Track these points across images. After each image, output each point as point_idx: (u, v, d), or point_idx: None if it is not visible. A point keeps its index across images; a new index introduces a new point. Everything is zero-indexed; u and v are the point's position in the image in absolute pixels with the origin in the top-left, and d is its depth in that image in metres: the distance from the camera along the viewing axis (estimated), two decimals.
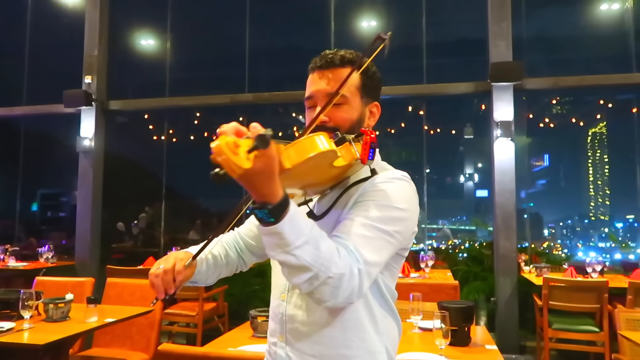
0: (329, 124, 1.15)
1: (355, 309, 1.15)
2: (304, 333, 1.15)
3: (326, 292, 0.99)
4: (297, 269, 0.96)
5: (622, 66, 6.17)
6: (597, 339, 3.96)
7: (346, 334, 1.14)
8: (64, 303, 2.68)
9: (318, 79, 1.19)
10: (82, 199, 6.18)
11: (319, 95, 1.18)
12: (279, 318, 1.19)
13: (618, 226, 9.69)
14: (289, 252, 0.94)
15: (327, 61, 1.18)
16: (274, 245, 0.94)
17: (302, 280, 0.98)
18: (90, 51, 6.35)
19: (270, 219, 0.90)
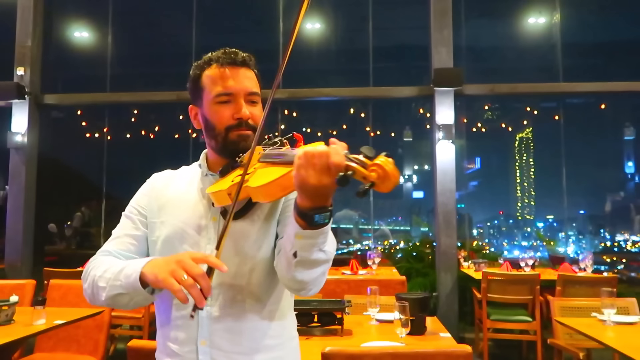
0: (250, 122, 1.19)
1: (280, 299, 1.23)
2: (231, 331, 1.16)
3: (323, 281, 1.09)
4: (319, 263, 1.03)
5: (549, 76, 6.67)
6: (529, 327, 4.27)
7: (271, 325, 1.20)
8: (8, 305, 2.53)
9: (235, 75, 1.19)
10: (13, 198, 5.81)
11: (240, 92, 1.19)
12: (194, 324, 1.15)
13: (539, 226, 10.40)
14: (321, 249, 1.01)
15: (243, 60, 1.21)
16: (311, 246, 1.00)
17: (318, 274, 1.06)
18: (22, 41, 5.98)
19: (325, 221, 0.97)
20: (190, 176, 1.30)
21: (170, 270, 0.96)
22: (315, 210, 0.95)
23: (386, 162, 0.86)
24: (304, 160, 0.92)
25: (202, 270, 0.96)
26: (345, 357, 1.61)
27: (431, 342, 2.21)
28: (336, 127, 7.77)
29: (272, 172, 1.03)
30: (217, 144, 1.21)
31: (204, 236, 1.19)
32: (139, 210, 1.28)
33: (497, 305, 4.39)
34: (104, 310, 3.06)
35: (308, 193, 0.94)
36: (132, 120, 7.37)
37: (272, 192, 1.02)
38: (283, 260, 1.08)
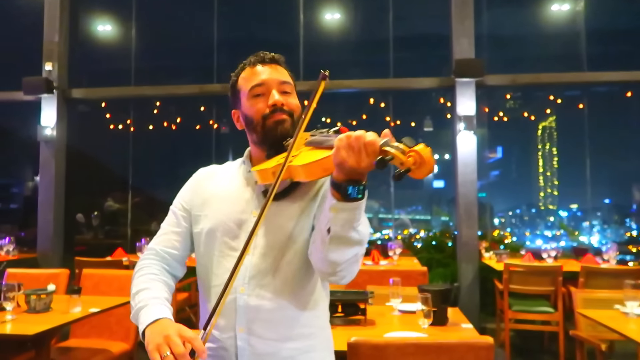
0: (285, 107, 1.25)
1: (314, 289, 1.29)
2: (267, 320, 1.22)
3: (356, 269, 1.13)
4: (352, 243, 1.07)
5: (573, 64, 6.56)
6: (551, 318, 4.28)
7: (305, 314, 1.26)
8: (46, 294, 2.66)
9: (267, 70, 1.28)
10: (44, 190, 6.00)
11: (272, 82, 1.26)
12: (236, 311, 1.22)
13: (563, 215, 10.27)
14: (355, 228, 1.06)
15: (274, 59, 1.29)
16: (344, 221, 1.04)
17: (350, 256, 1.09)
18: (50, 37, 6.13)
19: (359, 195, 1.02)
20: (234, 172, 1.38)
21: (158, 344, 1.04)
22: (349, 182, 1.01)
23: (424, 149, 0.91)
24: (344, 141, 0.99)
25: (184, 350, 1.01)
26: (370, 347, 1.67)
27: (453, 333, 2.25)
28: (356, 117, 7.78)
29: (315, 154, 1.10)
30: (258, 135, 1.28)
31: (244, 230, 1.25)
32: (183, 205, 1.36)
33: (518, 296, 4.40)
34: None
35: (346, 171, 1.00)
36: (155, 112, 7.50)
37: (313, 171, 1.09)
38: (317, 240, 1.13)
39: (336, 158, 1.00)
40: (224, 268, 1.24)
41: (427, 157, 0.91)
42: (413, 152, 0.92)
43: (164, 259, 1.33)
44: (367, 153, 0.97)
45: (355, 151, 0.98)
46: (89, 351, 3.03)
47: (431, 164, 0.91)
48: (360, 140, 0.97)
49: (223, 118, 7.45)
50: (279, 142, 1.24)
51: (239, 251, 1.19)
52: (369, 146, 0.97)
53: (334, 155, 1.01)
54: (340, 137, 1.00)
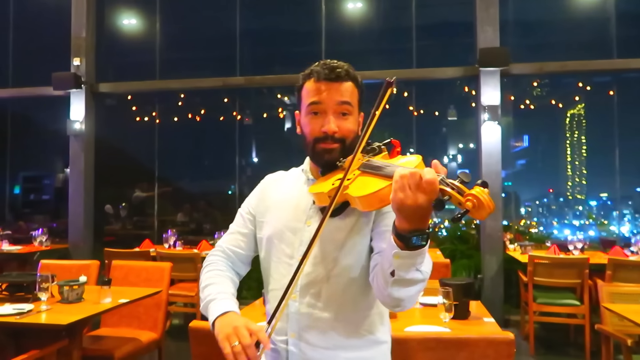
0: (337, 135, 1.25)
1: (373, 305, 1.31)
2: (317, 328, 1.26)
3: (416, 299, 1.15)
4: (416, 282, 1.08)
5: (602, 51, 6.37)
6: (577, 311, 4.23)
7: (358, 326, 1.29)
8: (78, 285, 2.77)
9: (327, 88, 1.26)
10: (74, 182, 6.18)
11: (330, 103, 1.26)
12: (286, 317, 1.28)
13: (592, 204, 10.05)
14: (418, 269, 1.06)
15: (337, 74, 1.26)
16: (408, 266, 1.04)
17: (414, 292, 1.10)
18: (78, 33, 6.27)
19: (422, 243, 1.01)
20: (295, 179, 1.43)
21: (227, 335, 1.11)
22: (412, 233, 0.99)
23: (481, 192, 0.90)
24: (399, 182, 0.97)
25: (250, 341, 1.08)
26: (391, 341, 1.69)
27: (474, 327, 2.26)
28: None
29: (372, 183, 1.10)
30: (308, 152, 1.33)
31: (298, 237, 1.31)
32: (249, 210, 1.45)
33: (544, 288, 4.35)
34: (162, 290, 3.28)
35: (405, 214, 0.97)
36: (179, 104, 7.60)
37: (371, 202, 1.09)
38: (380, 277, 1.13)
39: (394, 202, 0.98)
40: (280, 274, 1.31)
41: (485, 201, 0.89)
42: (470, 195, 0.90)
43: (230, 257, 1.42)
44: (425, 191, 0.94)
45: (412, 189, 0.95)
46: (119, 340, 3.14)
47: (491, 207, 0.89)
48: (416, 177, 0.95)
49: (246, 109, 7.51)
50: (324, 166, 1.29)
51: (294, 258, 1.29)
52: (427, 185, 0.94)
53: (392, 199, 0.99)
54: (395, 179, 0.98)
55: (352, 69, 1.31)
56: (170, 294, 4.67)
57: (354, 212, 1.26)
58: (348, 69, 1.29)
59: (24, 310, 2.49)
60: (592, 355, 4.09)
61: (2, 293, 2.80)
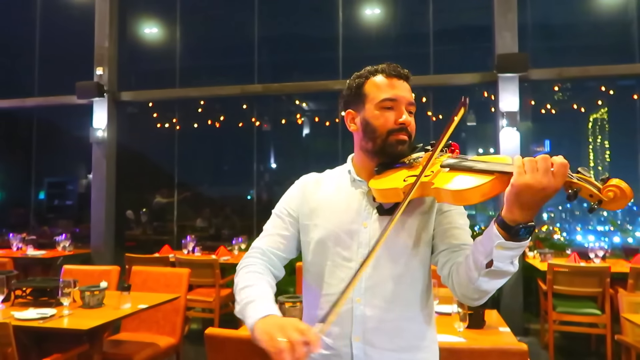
0: (409, 128, 1.30)
1: (428, 303, 1.33)
2: (383, 330, 1.25)
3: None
4: (507, 275, 1.10)
5: (624, 55, 6.26)
6: (599, 321, 4.14)
7: (421, 327, 1.30)
8: (99, 290, 2.83)
9: (399, 85, 1.31)
10: (96, 188, 6.32)
11: (403, 100, 1.30)
12: (352, 320, 1.26)
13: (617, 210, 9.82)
14: (513, 262, 1.08)
15: (404, 74, 1.33)
16: (509, 258, 1.06)
17: (499, 285, 1.13)
18: (100, 43, 6.43)
19: (527, 235, 1.03)
20: (338, 180, 1.40)
21: (273, 334, 1.03)
22: (522, 224, 1.01)
23: (620, 182, 0.94)
24: (528, 165, 0.98)
25: (300, 338, 1.00)
26: None
27: (489, 337, 2.24)
28: None
29: (467, 180, 1.10)
30: (376, 145, 1.30)
31: (355, 240, 1.29)
32: (289, 212, 1.40)
33: (564, 297, 4.28)
34: (180, 295, 3.33)
35: (524, 199, 0.99)
36: (199, 110, 7.72)
37: (470, 196, 1.09)
38: (463, 272, 1.15)
39: (518, 185, 0.99)
40: (338, 278, 1.28)
41: (628, 190, 0.93)
42: (612, 186, 0.94)
43: (270, 259, 1.36)
44: (556, 174, 0.97)
45: (542, 172, 0.97)
46: (139, 344, 3.20)
47: (631, 196, 0.93)
48: (548, 161, 0.97)
49: (264, 115, 7.58)
50: (393, 158, 1.29)
51: (353, 261, 1.27)
52: (560, 167, 0.96)
53: (515, 183, 0.99)
54: (521, 163, 1.00)
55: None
56: (188, 299, 4.74)
57: (414, 212, 1.28)
58: (409, 74, 1.35)
59: (47, 315, 2.56)
60: None
61: (26, 297, 2.89)
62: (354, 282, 1.11)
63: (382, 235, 1.11)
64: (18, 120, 8.11)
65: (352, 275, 1.16)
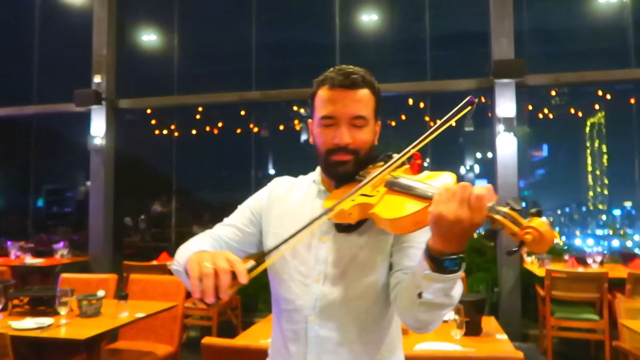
0: (351, 146, 1.17)
1: (390, 327, 1.25)
2: (339, 353, 1.18)
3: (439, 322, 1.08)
4: (443, 307, 1.02)
5: (620, 60, 6.30)
6: (597, 327, 4.15)
7: (380, 349, 1.22)
8: (96, 299, 2.83)
9: (341, 98, 1.18)
10: (95, 196, 6.32)
11: (343, 116, 1.17)
12: (307, 340, 1.19)
13: (616, 214, 9.85)
14: (448, 294, 0.99)
15: (352, 82, 1.17)
16: (438, 290, 0.98)
17: (440, 316, 1.05)
18: (99, 50, 6.45)
19: (455, 268, 0.95)
20: (306, 190, 1.32)
21: (200, 258, 0.97)
22: (446, 256, 0.93)
23: (542, 224, 0.83)
24: (444, 194, 0.90)
25: (228, 267, 0.94)
26: None
27: (486, 345, 2.24)
28: (395, 118, 7.75)
29: (403, 204, 1.01)
30: (321, 164, 1.25)
31: (313, 255, 1.21)
32: (253, 212, 1.34)
33: (562, 302, 4.28)
34: (178, 304, 3.33)
35: (443, 230, 0.91)
36: (197, 117, 7.73)
37: (403, 225, 1.01)
38: (405, 298, 1.07)
39: (434, 215, 0.91)
40: (294, 294, 1.22)
41: (547, 234, 0.82)
42: (530, 228, 0.83)
43: (219, 244, 1.30)
44: (472, 207, 0.88)
45: (457, 203, 0.88)
46: (136, 353, 3.20)
47: (552, 241, 0.82)
48: (466, 191, 0.88)
49: (263, 122, 7.60)
50: (338, 179, 1.21)
51: (309, 278, 1.20)
52: (476, 200, 0.87)
53: (432, 212, 0.91)
54: (439, 191, 0.92)
55: (370, 74, 1.22)
56: (186, 307, 4.74)
57: (372, 229, 1.18)
58: (364, 75, 1.20)
59: (44, 324, 2.56)
60: None
61: (24, 307, 2.89)
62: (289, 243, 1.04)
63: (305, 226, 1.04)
64: (17, 128, 8.11)
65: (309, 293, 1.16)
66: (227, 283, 0.92)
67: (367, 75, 1.21)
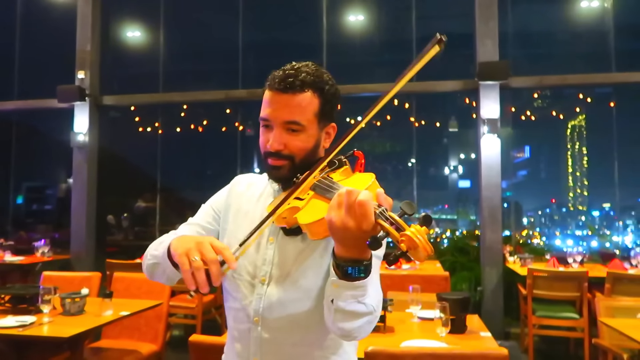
0: (284, 152, 1.14)
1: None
2: (282, 354, 1.18)
3: (367, 330, 1.05)
4: (359, 315, 1.00)
5: (601, 64, 6.42)
6: (577, 325, 4.23)
7: (325, 352, 1.20)
8: (80, 297, 2.80)
9: (276, 102, 1.15)
10: (77, 193, 6.23)
11: (276, 121, 1.15)
12: (250, 341, 1.19)
13: (595, 215, 10.04)
14: (361, 302, 0.98)
15: (287, 85, 1.13)
16: (349, 297, 0.96)
17: (361, 324, 1.01)
18: (82, 46, 6.36)
19: (361, 274, 0.93)
20: (263, 189, 1.32)
21: (187, 249, 0.97)
22: (348, 262, 0.92)
23: (417, 233, 0.79)
24: (335, 200, 0.89)
25: (216, 257, 0.95)
26: (386, 356, 1.72)
27: (471, 342, 2.28)
28: (380, 118, 7.78)
29: (319, 209, 1.00)
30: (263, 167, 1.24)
31: (261, 255, 1.21)
32: (214, 209, 1.34)
33: (543, 301, 4.36)
34: (163, 302, 3.31)
35: (337, 237, 0.91)
36: (182, 115, 7.67)
37: (317, 231, 1.00)
38: (325, 306, 1.06)
39: (327, 221, 0.90)
40: (242, 293, 1.21)
41: (421, 244, 0.78)
42: (405, 237, 0.80)
43: None
44: (357, 214, 0.86)
45: (345, 210, 0.87)
46: (120, 352, 3.17)
47: (427, 251, 0.79)
48: (351, 196, 0.87)
49: (248, 120, 7.58)
50: (278, 182, 1.21)
51: (256, 278, 1.20)
52: (360, 206, 0.85)
53: (325, 217, 0.90)
54: (334, 197, 0.90)
55: (317, 75, 1.16)
56: (170, 306, 4.70)
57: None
58: (306, 78, 1.13)
59: (26, 322, 2.52)
60: None
61: (5, 305, 2.84)
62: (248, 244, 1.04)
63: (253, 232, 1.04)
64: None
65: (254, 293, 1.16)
66: (217, 273, 0.94)
67: (309, 76, 1.14)
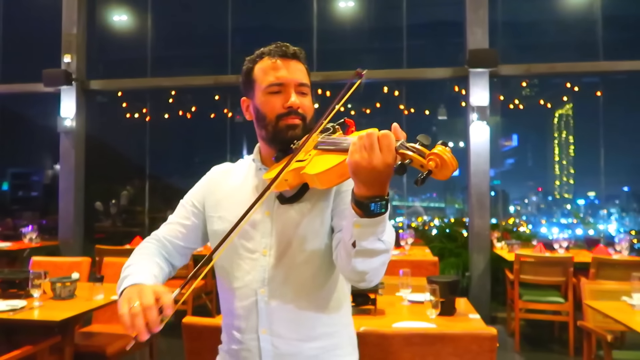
0: (300, 111, 1.23)
1: (334, 289, 1.29)
2: (289, 320, 1.23)
3: (383, 273, 1.11)
4: (378, 253, 1.04)
5: (589, 52, 6.48)
6: (562, 309, 4.32)
7: (327, 313, 1.26)
8: (70, 282, 2.79)
9: (287, 66, 1.24)
10: (64, 179, 6.17)
11: (291, 82, 1.23)
12: (255, 313, 1.23)
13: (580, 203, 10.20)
14: (380, 239, 1.02)
15: (294, 53, 1.25)
16: (369, 234, 1.01)
17: (378, 264, 1.07)
18: (68, 29, 6.25)
19: (382, 210, 0.98)
20: (246, 170, 1.36)
21: (129, 297, 1.00)
22: (371, 199, 0.97)
23: (444, 150, 0.88)
24: (357, 144, 0.95)
25: (152, 302, 0.97)
26: (377, 336, 1.75)
27: (460, 324, 2.32)
28: (369, 105, 7.78)
29: (329, 160, 1.07)
30: (268, 133, 1.25)
31: (259, 230, 1.25)
32: (194, 202, 1.36)
33: (529, 286, 4.44)
34: None
35: (361, 177, 0.96)
36: (170, 101, 7.60)
37: (329, 179, 1.06)
38: (342, 251, 1.11)
39: (351, 164, 0.96)
40: (243, 270, 1.25)
41: (448, 158, 0.87)
42: (432, 155, 0.88)
43: (164, 247, 1.33)
44: (382, 149, 0.93)
45: (367, 149, 0.94)
46: (111, 336, 3.17)
47: (453, 165, 0.87)
48: (373, 136, 0.94)
49: (237, 107, 7.50)
50: (287, 145, 1.23)
51: (256, 252, 1.24)
52: (382, 140, 0.93)
53: (348, 162, 0.97)
54: (352, 141, 0.97)
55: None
56: None
57: (312, 197, 1.23)
58: (301, 50, 1.27)
59: (16, 307, 2.51)
60: (576, 352, 4.19)
61: None
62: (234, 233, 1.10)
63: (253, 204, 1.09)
64: None
65: (256, 267, 1.20)
66: (154, 319, 0.96)
67: (303, 52, 1.28)
